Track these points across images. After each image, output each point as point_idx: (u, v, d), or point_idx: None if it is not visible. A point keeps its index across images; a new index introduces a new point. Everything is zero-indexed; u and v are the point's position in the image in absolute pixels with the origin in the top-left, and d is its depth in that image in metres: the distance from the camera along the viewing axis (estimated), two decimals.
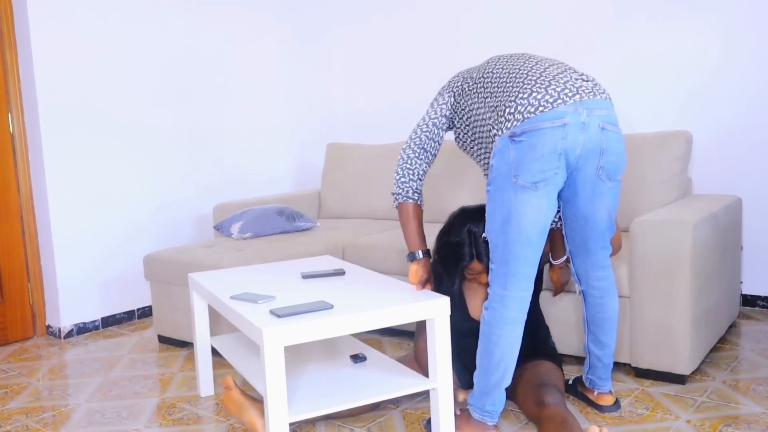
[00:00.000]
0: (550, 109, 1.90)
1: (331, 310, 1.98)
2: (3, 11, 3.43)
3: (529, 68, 2.05)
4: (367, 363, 2.27)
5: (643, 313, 2.56)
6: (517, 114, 1.94)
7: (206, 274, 2.59)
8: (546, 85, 1.95)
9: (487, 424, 2.15)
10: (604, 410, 2.35)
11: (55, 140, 3.50)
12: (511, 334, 2.02)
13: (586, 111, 1.93)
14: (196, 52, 4.11)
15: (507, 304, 2.00)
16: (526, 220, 1.94)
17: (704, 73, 3.49)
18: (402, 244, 3.19)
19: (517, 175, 1.92)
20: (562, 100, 1.92)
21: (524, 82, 2.00)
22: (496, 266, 2.02)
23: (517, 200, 1.94)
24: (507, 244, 1.97)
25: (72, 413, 2.57)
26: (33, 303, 3.61)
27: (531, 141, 1.90)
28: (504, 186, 1.95)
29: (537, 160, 1.91)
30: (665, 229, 2.48)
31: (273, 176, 4.57)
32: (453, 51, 4.31)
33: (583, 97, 1.94)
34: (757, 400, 2.38)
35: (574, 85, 1.96)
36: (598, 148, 1.97)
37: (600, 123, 1.96)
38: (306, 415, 1.90)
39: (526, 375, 2.28)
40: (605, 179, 2.04)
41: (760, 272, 3.44)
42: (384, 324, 1.97)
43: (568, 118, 1.91)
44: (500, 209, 1.97)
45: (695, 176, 3.54)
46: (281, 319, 1.91)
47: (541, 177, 1.92)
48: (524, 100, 1.94)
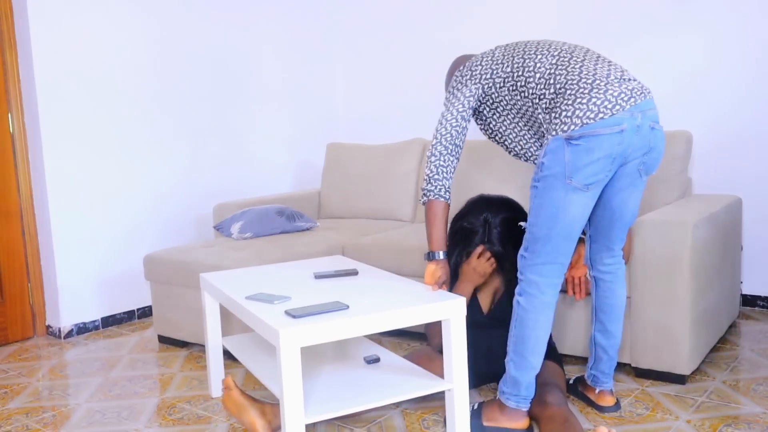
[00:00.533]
0: (610, 116, 1.94)
1: (347, 310, 1.97)
2: (3, 11, 3.43)
3: (579, 66, 2.05)
4: (380, 364, 2.27)
5: (643, 313, 2.56)
6: (576, 119, 1.96)
7: (218, 274, 2.59)
8: (604, 90, 1.97)
9: (522, 411, 2.15)
10: (604, 410, 2.35)
11: (55, 140, 3.50)
12: (546, 318, 2.08)
13: (641, 114, 1.99)
14: (196, 53, 4.11)
15: (544, 290, 2.06)
16: (573, 218, 2.01)
17: (704, 73, 3.49)
18: (402, 245, 3.19)
19: (571, 177, 1.97)
20: (621, 107, 1.95)
21: (579, 84, 2.01)
22: (533, 256, 2.07)
23: (566, 199, 1.99)
24: (550, 238, 2.03)
25: (72, 413, 2.57)
26: (33, 303, 3.61)
27: (588, 146, 1.94)
28: (555, 185, 1.99)
29: (592, 164, 1.96)
30: (665, 229, 2.48)
31: (273, 176, 4.57)
32: (453, 51, 4.31)
33: (637, 100, 1.99)
34: (757, 400, 2.38)
35: (628, 88, 1.99)
36: (648, 146, 2.04)
37: (650, 123, 2.03)
38: (322, 416, 1.90)
39: None
40: (643, 174, 2.10)
41: (760, 272, 3.44)
42: (400, 325, 1.96)
43: (626, 124, 1.96)
44: (548, 206, 2.02)
45: (695, 176, 3.54)
46: (297, 319, 1.91)
47: (594, 180, 1.98)
48: (583, 105, 1.96)
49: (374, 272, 2.49)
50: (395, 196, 3.91)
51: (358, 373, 2.20)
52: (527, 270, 2.08)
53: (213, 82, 4.21)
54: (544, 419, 2.08)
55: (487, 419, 2.17)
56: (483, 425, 2.17)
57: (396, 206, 3.91)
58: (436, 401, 2.50)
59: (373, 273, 2.48)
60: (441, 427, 2.29)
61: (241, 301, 2.19)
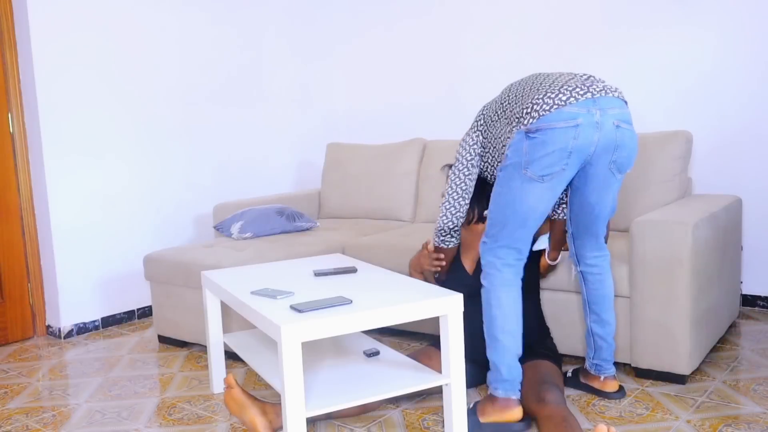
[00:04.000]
0: (562, 106, 2.02)
1: (351, 305, 2.00)
2: (3, 11, 3.43)
3: (542, 80, 2.16)
4: (380, 358, 2.29)
5: (643, 313, 2.56)
6: (533, 113, 2.06)
7: (219, 272, 2.61)
8: (558, 87, 2.07)
9: (511, 400, 2.17)
10: (611, 396, 2.42)
11: (55, 140, 3.50)
12: (508, 295, 2.17)
13: (600, 111, 2.05)
14: (195, 53, 4.11)
15: (500, 268, 2.18)
16: (528, 207, 2.11)
17: (704, 73, 3.49)
18: (402, 245, 3.19)
19: (527, 168, 2.06)
20: (574, 98, 2.03)
21: (538, 89, 2.12)
22: (491, 240, 2.20)
23: (522, 189, 2.09)
24: (506, 224, 2.15)
25: (72, 413, 2.57)
26: (33, 303, 3.61)
27: (543, 138, 2.03)
28: (513, 175, 2.10)
29: (547, 156, 2.04)
30: (665, 229, 2.48)
31: (273, 176, 4.57)
32: (453, 51, 4.31)
33: (594, 95, 2.05)
34: (757, 400, 2.38)
35: (584, 84, 2.08)
36: (613, 144, 2.09)
37: (615, 121, 2.08)
38: (323, 410, 1.92)
39: (526, 373, 2.29)
40: (615, 172, 2.17)
41: (760, 272, 3.44)
42: (401, 320, 1.99)
43: (581, 119, 2.02)
44: (506, 194, 2.13)
45: (695, 176, 3.54)
46: (303, 314, 1.93)
47: (548, 171, 2.05)
48: (539, 100, 2.06)
49: (373, 270, 2.51)
50: (395, 196, 3.91)
51: (357, 367, 2.22)
52: (486, 253, 2.22)
53: (213, 82, 4.21)
54: (543, 418, 2.09)
55: (482, 415, 2.19)
56: (479, 422, 2.18)
57: (396, 206, 3.91)
58: (437, 401, 2.50)
59: (371, 270, 2.50)
60: (441, 427, 2.29)
61: (243, 297, 2.20)
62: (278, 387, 2.02)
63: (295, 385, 1.85)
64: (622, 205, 3.05)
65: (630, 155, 2.15)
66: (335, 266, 2.60)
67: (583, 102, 2.03)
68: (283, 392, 1.86)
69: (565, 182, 2.11)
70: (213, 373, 2.68)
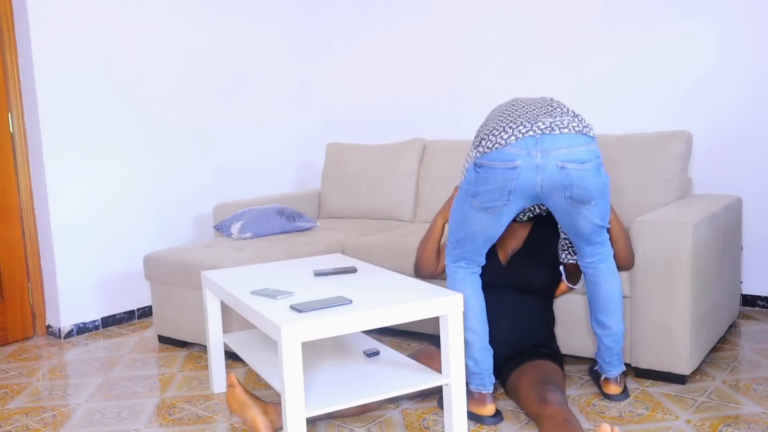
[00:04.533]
0: (504, 146, 2.07)
1: (351, 305, 2.01)
2: (3, 11, 3.43)
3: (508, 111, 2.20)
4: (380, 358, 2.30)
5: (643, 313, 2.56)
6: (480, 147, 2.16)
7: (219, 272, 2.62)
8: (507, 123, 2.12)
9: (483, 394, 2.29)
10: (610, 398, 2.43)
11: (55, 140, 3.50)
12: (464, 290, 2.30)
13: (541, 153, 2.05)
14: (195, 53, 4.11)
15: (456, 270, 2.34)
16: (475, 230, 2.24)
17: (704, 73, 3.49)
18: (402, 245, 3.19)
19: (474, 197, 2.18)
20: (515, 137, 2.06)
21: (495, 121, 2.18)
22: (449, 246, 2.35)
23: (470, 214, 2.22)
24: (458, 240, 2.30)
25: (72, 413, 2.57)
26: (33, 303, 3.61)
27: (486, 176, 2.12)
28: (464, 199, 2.23)
29: (488, 192, 2.14)
30: (665, 229, 2.48)
31: (273, 176, 4.57)
32: (454, 51, 4.31)
33: (537, 134, 2.04)
34: (757, 400, 2.38)
35: (531, 120, 2.08)
36: (561, 185, 2.08)
37: (559, 162, 2.05)
38: (323, 410, 1.93)
39: (528, 373, 2.30)
40: (578, 204, 2.14)
41: (760, 272, 3.44)
42: (401, 320, 2.00)
43: (520, 161, 2.06)
44: (458, 212, 2.27)
45: (695, 176, 3.54)
46: (303, 314, 1.94)
47: (491, 204, 2.16)
48: (487, 136, 2.15)
49: (373, 269, 2.52)
50: (395, 196, 3.91)
51: (357, 367, 2.22)
52: (447, 256, 2.38)
53: (213, 82, 4.21)
54: (544, 418, 2.09)
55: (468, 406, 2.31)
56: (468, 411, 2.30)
57: (396, 206, 3.91)
58: (436, 401, 2.50)
59: (371, 270, 2.51)
60: (441, 427, 2.30)
61: (243, 297, 2.20)
62: (278, 387, 2.02)
63: (295, 385, 1.85)
64: (622, 205, 3.05)
65: (585, 193, 2.10)
66: (335, 266, 2.60)
67: (523, 141, 2.04)
68: (283, 392, 1.86)
69: (511, 214, 2.19)
70: (213, 373, 2.68)
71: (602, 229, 2.27)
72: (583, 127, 2.10)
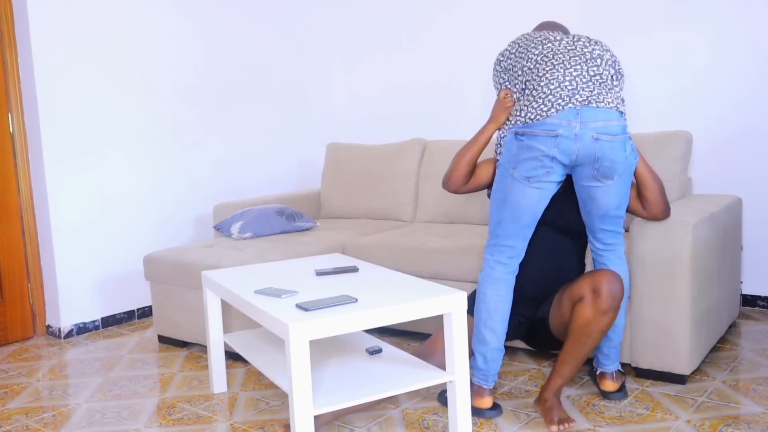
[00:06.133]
0: (545, 118, 2.13)
1: (356, 303, 2.01)
2: (3, 11, 3.43)
3: (549, 71, 2.19)
4: (383, 357, 2.30)
5: (643, 313, 2.56)
6: (520, 118, 2.20)
7: (220, 272, 2.61)
8: (546, 95, 2.15)
9: (482, 388, 2.34)
10: (607, 396, 2.45)
11: (55, 140, 3.50)
12: (496, 292, 2.29)
13: (580, 123, 2.12)
14: (196, 53, 4.11)
15: (492, 266, 2.31)
16: (518, 204, 2.21)
17: (704, 73, 3.49)
18: (402, 245, 3.20)
19: (515, 168, 2.19)
20: (555, 109, 2.13)
21: (536, 87, 2.19)
22: (489, 237, 2.32)
23: (513, 188, 2.21)
24: (500, 221, 2.26)
25: (72, 413, 2.57)
26: (33, 303, 3.61)
27: (528, 143, 2.16)
28: (505, 174, 2.24)
29: (531, 160, 2.16)
30: (665, 229, 2.48)
31: (273, 176, 4.57)
32: (453, 51, 4.31)
33: (577, 106, 2.12)
34: (757, 400, 2.38)
35: (572, 95, 2.13)
36: (593, 156, 2.15)
37: (594, 134, 2.12)
38: (330, 408, 1.93)
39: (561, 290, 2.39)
40: (602, 179, 2.20)
41: (760, 272, 3.44)
42: (406, 318, 2.00)
43: (561, 131, 2.12)
44: (500, 191, 2.26)
45: (695, 176, 3.54)
46: (309, 312, 1.94)
47: (533, 174, 2.17)
48: (527, 107, 2.19)
49: (374, 269, 2.52)
50: (395, 196, 3.91)
51: (362, 365, 2.23)
52: (486, 249, 2.35)
53: (213, 82, 4.21)
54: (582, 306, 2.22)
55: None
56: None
57: (396, 206, 3.91)
58: (436, 401, 2.50)
59: (373, 269, 2.51)
60: (441, 426, 2.30)
61: (247, 296, 2.20)
62: (283, 386, 2.03)
63: (303, 383, 1.85)
64: None
65: (612, 165, 2.16)
66: (336, 266, 2.60)
67: (564, 113, 2.12)
68: (291, 391, 1.86)
69: (552, 186, 2.19)
70: (213, 373, 2.68)
71: (616, 218, 2.29)
72: (618, 104, 2.19)
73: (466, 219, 3.62)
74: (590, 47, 2.25)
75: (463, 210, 3.63)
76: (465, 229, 3.43)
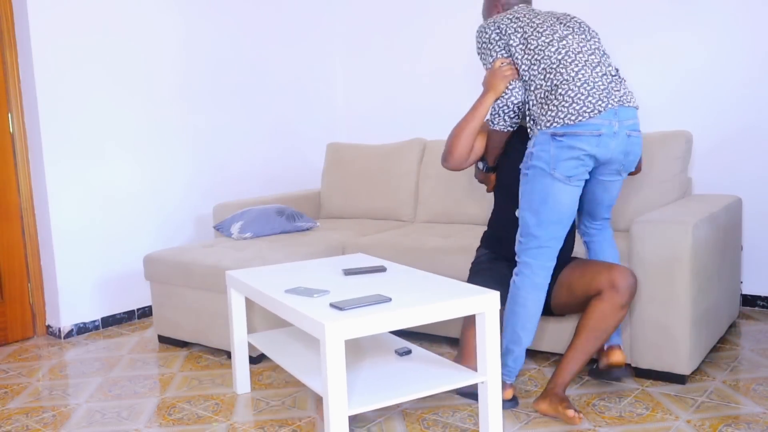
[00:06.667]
0: (587, 119, 2.18)
1: (390, 303, 2.01)
2: (3, 11, 3.43)
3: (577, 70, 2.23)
4: (413, 356, 2.30)
5: (643, 313, 2.56)
6: (558, 119, 2.21)
7: (245, 272, 2.60)
8: (585, 96, 2.20)
9: (505, 383, 2.38)
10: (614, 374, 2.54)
11: (55, 140, 3.50)
12: (537, 297, 2.31)
13: (618, 122, 2.22)
14: (194, 53, 4.11)
15: (536, 271, 2.30)
16: (561, 204, 2.25)
17: (704, 73, 3.49)
18: (402, 245, 3.20)
19: (555, 169, 2.22)
20: (597, 111, 2.19)
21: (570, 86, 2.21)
22: (527, 240, 2.30)
23: (554, 188, 2.23)
24: (541, 223, 2.26)
25: (72, 413, 2.58)
26: (33, 303, 3.61)
27: (569, 143, 2.19)
28: (542, 174, 2.24)
29: (572, 160, 2.21)
30: (665, 229, 2.48)
31: (273, 176, 4.57)
32: (453, 51, 4.31)
33: (614, 106, 2.22)
34: (757, 400, 2.38)
35: (608, 96, 2.22)
36: (624, 151, 2.27)
37: (627, 131, 2.25)
38: (365, 408, 1.93)
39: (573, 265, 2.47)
40: (622, 173, 2.35)
41: (760, 272, 3.44)
42: (440, 317, 2.00)
43: (604, 130, 2.19)
44: (538, 192, 2.26)
45: (695, 176, 3.54)
46: (344, 312, 1.93)
47: (574, 173, 2.22)
48: (565, 108, 2.20)
49: (402, 269, 2.51)
50: (395, 196, 3.91)
51: (393, 366, 2.23)
52: (523, 254, 2.32)
53: (213, 82, 4.21)
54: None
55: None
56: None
57: (396, 206, 3.91)
58: (436, 401, 2.50)
59: (400, 269, 2.50)
60: (441, 427, 2.30)
61: (278, 296, 2.18)
62: (314, 386, 2.04)
63: (338, 383, 1.85)
64: (622, 204, 3.05)
65: (635, 159, 2.33)
66: (363, 265, 2.58)
67: (605, 114, 2.19)
68: (325, 391, 1.86)
69: (583, 182, 2.28)
70: (237, 373, 2.67)
71: (610, 207, 2.47)
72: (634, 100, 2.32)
73: (466, 219, 3.62)
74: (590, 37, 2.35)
75: (463, 210, 3.63)
76: (465, 229, 3.43)
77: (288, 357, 2.35)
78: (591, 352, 2.33)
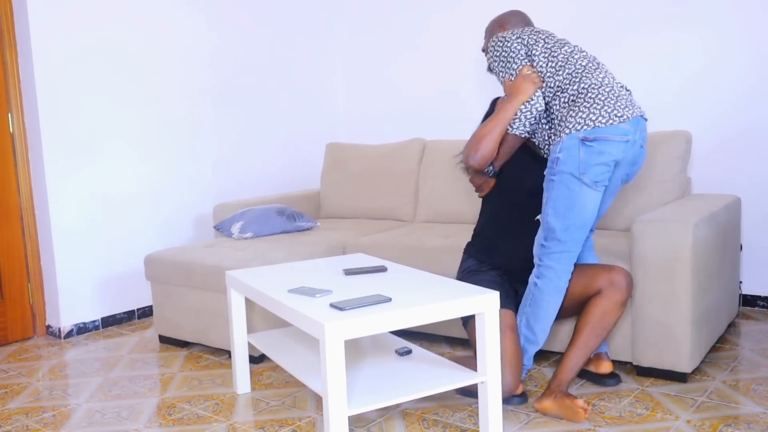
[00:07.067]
0: (618, 123, 2.24)
1: (391, 303, 2.01)
2: (3, 11, 3.43)
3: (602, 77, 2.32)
4: (413, 356, 2.31)
5: (643, 313, 2.56)
6: (589, 121, 2.24)
7: (246, 272, 2.60)
8: (614, 101, 2.26)
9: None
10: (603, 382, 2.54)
11: (55, 140, 3.50)
12: (558, 300, 2.36)
13: (639, 132, 2.30)
14: (194, 53, 4.11)
15: (560, 275, 2.34)
16: (587, 210, 2.28)
17: (703, 73, 3.49)
18: (402, 245, 3.20)
19: (584, 174, 2.25)
20: (627, 117, 2.25)
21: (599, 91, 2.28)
22: (552, 244, 2.32)
23: (581, 192, 2.26)
24: (568, 228, 2.29)
25: (72, 413, 2.58)
26: (33, 303, 3.61)
27: (600, 148, 2.23)
28: (571, 180, 2.27)
29: (601, 165, 2.25)
30: (665, 229, 2.48)
31: (273, 176, 4.57)
32: (453, 51, 4.31)
33: (636, 115, 2.29)
34: (757, 400, 2.38)
35: (632, 103, 2.31)
36: (635, 160, 2.34)
37: (641, 142, 2.32)
38: (365, 409, 1.93)
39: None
40: (623, 182, 2.42)
41: (760, 272, 3.44)
42: (441, 317, 2.01)
43: (630, 137, 2.26)
44: (565, 198, 2.28)
45: (695, 176, 3.54)
46: (344, 312, 1.93)
47: (601, 178, 2.27)
48: (597, 110, 2.25)
49: (402, 269, 2.51)
50: (395, 196, 3.91)
51: (392, 365, 2.24)
52: (546, 257, 2.34)
53: (213, 82, 4.21)
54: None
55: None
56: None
57: (396, 206, 3.91)
58: (436, 401, 2.50)
59: (401, 269, 2.50)
60: (441, 427, 2.30)
61: (279, 296, 2.18)
62: (313, 386, 2.04)
63: (338, 383, 1.85)
64: (622, 204, 3.05)
65: (637, 171, 2.43)
66: (364, 265, 2.58)
67: (633, 121, 2.26)
68: (325, 391, 1.86)
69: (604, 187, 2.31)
70: (237, 373, 2.67)
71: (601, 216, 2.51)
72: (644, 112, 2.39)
73: (466, 219, 3.62)
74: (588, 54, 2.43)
75: (463, 210, 3.63)
76: (465, 229, 3.43)
77: (288, 357, 2.35)
78: (593, 349, 2.35)
